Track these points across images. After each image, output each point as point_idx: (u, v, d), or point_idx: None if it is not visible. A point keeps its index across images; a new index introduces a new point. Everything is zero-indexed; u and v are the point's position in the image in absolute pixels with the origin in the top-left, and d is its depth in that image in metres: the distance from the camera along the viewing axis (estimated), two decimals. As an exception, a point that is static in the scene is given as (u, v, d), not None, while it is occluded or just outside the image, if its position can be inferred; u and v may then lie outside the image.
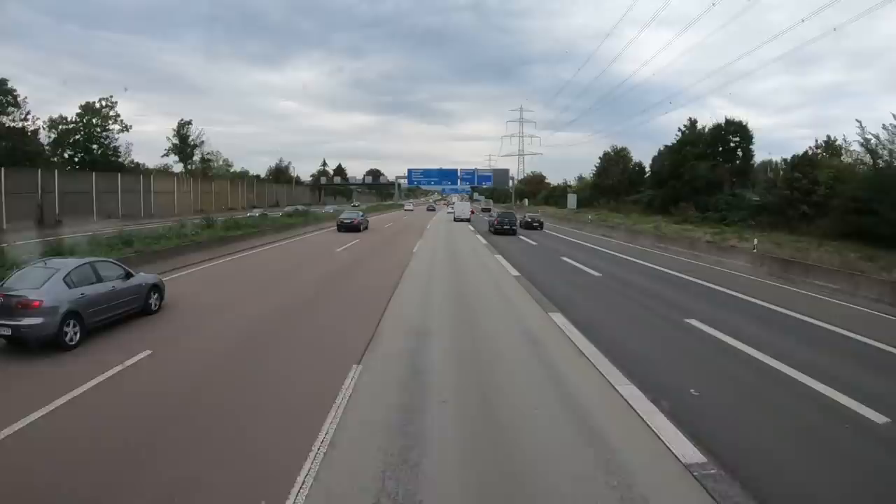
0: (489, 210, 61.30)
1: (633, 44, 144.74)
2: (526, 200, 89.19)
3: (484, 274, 16.98)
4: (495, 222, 34.33)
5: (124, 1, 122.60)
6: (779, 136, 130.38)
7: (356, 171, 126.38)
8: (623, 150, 57.20)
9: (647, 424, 5.77)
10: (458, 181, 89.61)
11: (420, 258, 20.06)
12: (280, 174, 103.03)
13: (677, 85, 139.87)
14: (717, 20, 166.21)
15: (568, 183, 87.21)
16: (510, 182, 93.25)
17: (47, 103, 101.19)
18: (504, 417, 5.95)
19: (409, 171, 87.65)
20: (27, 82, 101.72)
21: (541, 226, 38.14)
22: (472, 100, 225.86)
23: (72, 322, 7.72)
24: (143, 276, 9.87)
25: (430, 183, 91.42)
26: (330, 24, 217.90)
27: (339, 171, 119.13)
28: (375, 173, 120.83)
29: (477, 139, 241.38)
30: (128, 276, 9.38)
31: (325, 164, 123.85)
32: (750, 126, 39.25)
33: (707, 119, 79.94)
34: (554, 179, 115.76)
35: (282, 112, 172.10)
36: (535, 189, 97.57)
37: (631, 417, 6.02)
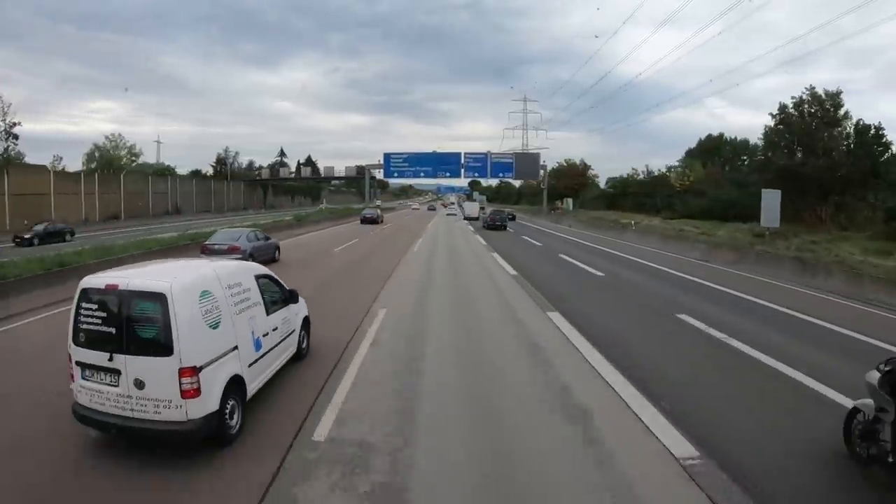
0: (483, 209, 59.81)
1: (629, 44, 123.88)
2: (569, 202, 58.93)
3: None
4: (489, 220, 38.43)
5: (122, 2, 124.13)
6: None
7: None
8: (836, 96, 27.00)
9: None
10: (462, 171, 60.45)
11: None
12: (223, 168, 75.99)
13: (674, 84, 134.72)
14: (714, 20, 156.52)
15: (656, 170, 56.53)
16: (541, 173, 61.23)
17: (42, 104, 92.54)
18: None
19: (387, 156, 57.23)
20: (20, 83, 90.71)
21: (513, 218, 48.19)
22: (469, 100, 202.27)
23: (251, 257, 13.97)
24: (273, 239, 17.70)
25: (418, 174, 60.26)
26: (326, 24, 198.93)
27: (308, 164, 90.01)
28: (355, 169, 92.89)
29: (475, 139, 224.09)
30: (267, 238, 17.20)
31: (282, 153, 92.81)
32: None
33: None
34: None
35: (277, 112, 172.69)
36: (574, 184, 66.70)
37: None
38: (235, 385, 4.82)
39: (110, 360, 4.30)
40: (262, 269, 6.32)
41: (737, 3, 70.09)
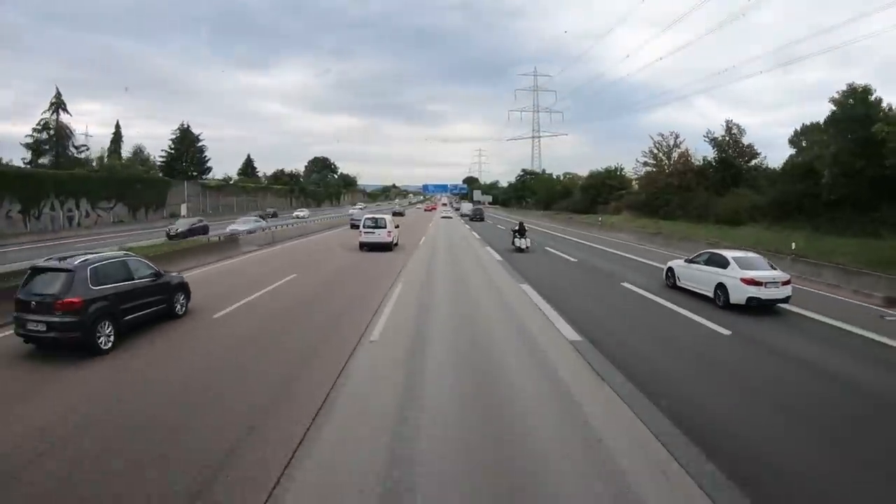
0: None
1: (623, 44, 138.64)
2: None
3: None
4: (470, 214, 53.33)
5: (111, 4, 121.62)
6: (765, 135, 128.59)
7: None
8: None
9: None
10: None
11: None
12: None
13: (663, 84, 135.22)
14: (705, 20, 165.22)
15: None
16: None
17: (32, 107, 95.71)
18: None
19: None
20: (12, 87, 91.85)
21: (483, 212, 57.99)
22: (461, 101, 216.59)
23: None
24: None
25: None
26: (318, 25, 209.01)
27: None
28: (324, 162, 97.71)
29: (470, 140, 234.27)
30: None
31: (128, 114, 76.30)
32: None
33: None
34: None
35: (266, 115, 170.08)
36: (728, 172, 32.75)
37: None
38: (393, 239, 22.52)
39: (373, 230, 21.97)
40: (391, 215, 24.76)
41: (730, 7, 71.76)
